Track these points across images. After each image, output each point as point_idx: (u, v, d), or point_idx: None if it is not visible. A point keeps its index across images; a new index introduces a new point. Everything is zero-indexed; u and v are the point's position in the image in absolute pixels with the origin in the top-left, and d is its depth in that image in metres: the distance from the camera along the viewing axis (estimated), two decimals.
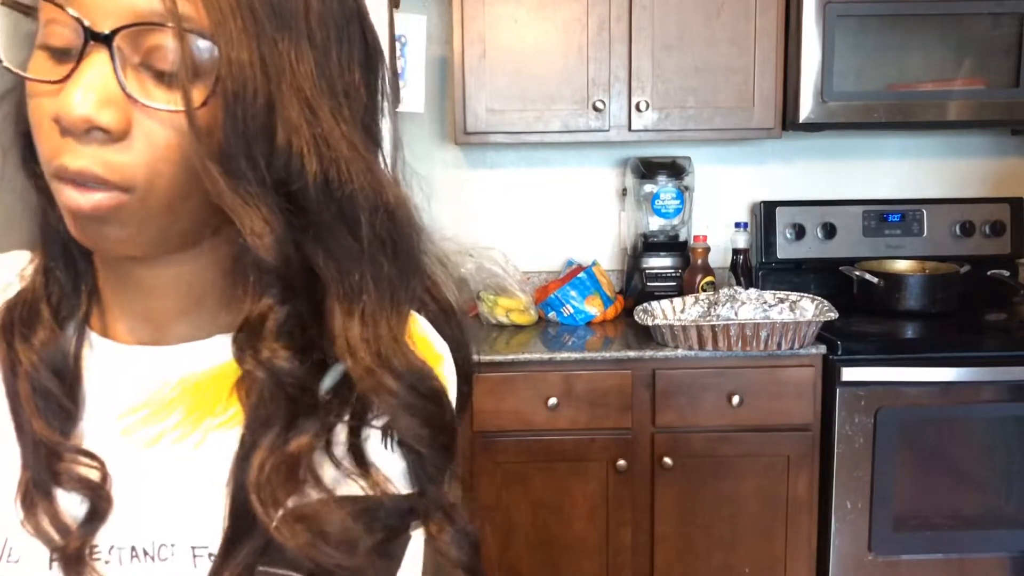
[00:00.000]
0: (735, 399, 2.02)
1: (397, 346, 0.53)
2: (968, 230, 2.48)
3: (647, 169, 2.42)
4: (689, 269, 2.36)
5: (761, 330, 1.99)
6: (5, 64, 0.48)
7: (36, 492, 0.53)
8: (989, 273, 2.40)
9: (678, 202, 2.40)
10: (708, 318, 2.06)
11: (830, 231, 2.48)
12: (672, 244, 2.42)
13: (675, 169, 2.41)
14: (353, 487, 0.54)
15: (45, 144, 0.48)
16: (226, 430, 0.55)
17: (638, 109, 2.22)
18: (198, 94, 0.47)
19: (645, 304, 2.17)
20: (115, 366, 0.57)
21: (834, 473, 2.04)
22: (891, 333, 2.17)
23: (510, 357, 2.02)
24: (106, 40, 0.46)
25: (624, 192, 2.55)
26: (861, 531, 2.06)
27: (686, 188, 2.41)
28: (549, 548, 2.09)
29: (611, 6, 2.20)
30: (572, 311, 2.32)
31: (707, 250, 2.35)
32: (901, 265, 2.41)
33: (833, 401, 2.03)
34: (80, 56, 0.46)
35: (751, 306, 2.06)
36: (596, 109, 2.23)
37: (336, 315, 0.52)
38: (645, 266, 2.40)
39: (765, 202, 2.51)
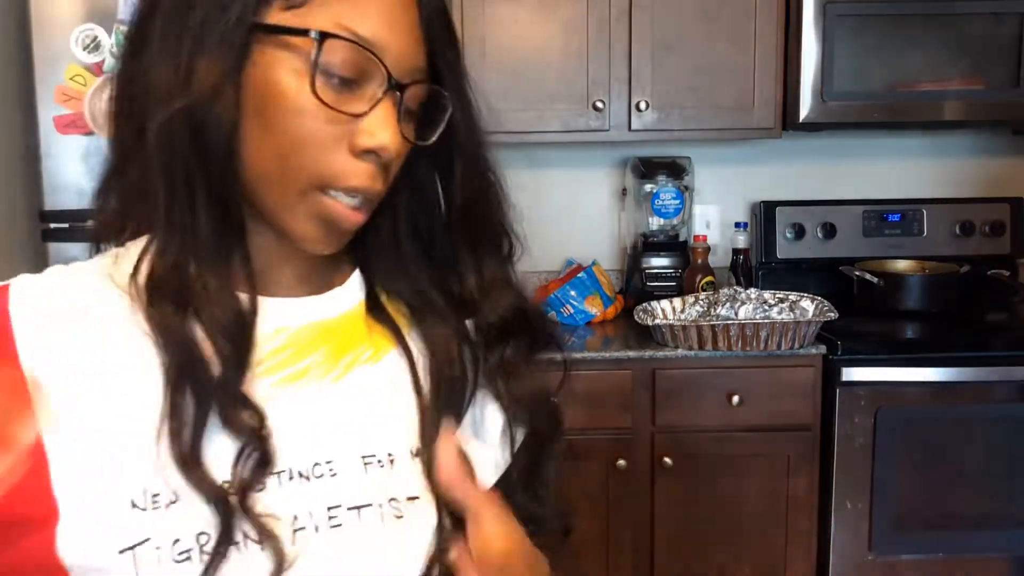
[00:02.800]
0: (735, 399, 2.02)
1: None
2: (968, 230, 2.48)
3: (647, 169, 2.42)
4: (689, 269, 2.36)
5: (761, 330, 1.99)
6: (324, 100, 0.57)
7: (189, 442, 0.57)
8: (989, 273, 2.39)
9: (678, 202, 2.40)
10: (708, 318, 2.06)
11: (830, 231, 2.48)
12: (672, 244, 2.41)
13: (675, 169, 2.41)
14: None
15: (326, 162, 0.59)
16: (362, 365, 0.67)
17: (638, 109, 2.22)
18: (435, 132, 0.64)
19: (645, 304, 2.17)
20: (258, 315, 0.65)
21: (834, 473, 2.04)
22: (891, 333, 2.17)
23: None
24: (400, 89, 0.59)
25: (624, 192, 2.55)
26: (861, 531, 2.06)
27: (686, 188, 2.41)
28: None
29: (611, 6, 2.20)
30: (572, 311, 2.32)
31: (707, 250, 2.35)
32: (901, 265, 2.41)
33: (833, 401, 2.02)
34: (380, 99, 0.59)
35: (751, 306, 2.06)
36: (596, 109, 2.23)
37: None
38: (645, 266, 2.40)
39: (765, 202, 2.51)
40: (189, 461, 0.57)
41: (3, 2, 2.01)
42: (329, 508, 0.62)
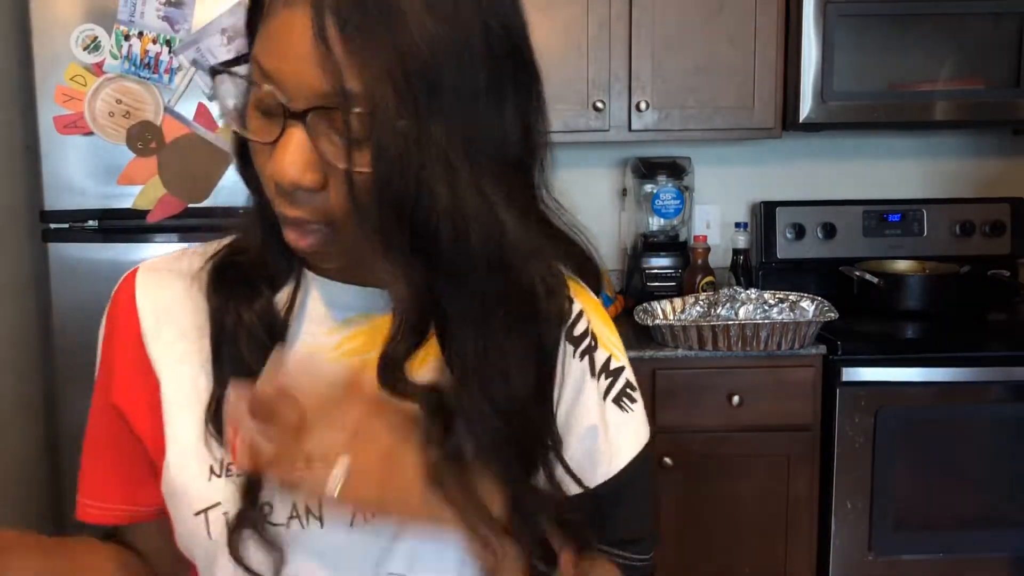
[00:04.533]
0: (735, 399, 2.02)
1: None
2: (968, 230, 2.48)
3: (647, 169, 2.42)
4: (689, 269, 2.36)
5: (761, 330, 1.99)
6: (234, 129, 0.61)
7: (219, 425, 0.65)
8: (989, 273, 2.39)
9: (678, 202, 2.40)
10: (708, 318, 2.06)
11: (830, 231, 2.48)
12: (672, 244, 2.41)
13: (675, 169, 2.41)
14: None
15: (266, 189, 0.61)
16: (439, 356, 0.65)
17: (638, 109, 2.22)
18: (362, 159, 0.55)
19: (645, 304, 2.17)
20: (332, 299, 0.69)
21: (834, 473, 2.04)
22: (891, 333, 2.17)
23: None
24: (301, 117, 0.56)
25: (624, 192, 2.55)
26: (861, 531, 2.06)
27: (686, 188, 2.41)
28: None
29: (611, 6, 2.20)
30: None
31: (707, 250, 2.35)
32: (901, 265, 2.41)
33: (833, 401, 2.02)
34: (284, 127, 0.57)
35: (751, 306, 2.06)
36: (596, 109, 2.23)
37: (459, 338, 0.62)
38: (645, 266, 2.40)
39: (765, 202, 2.51)
40: (227, 442, 0.63)
41: (3, 2, 2.01)
42: None
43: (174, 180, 1.92)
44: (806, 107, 2.18)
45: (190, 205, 1.93)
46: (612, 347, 0.75)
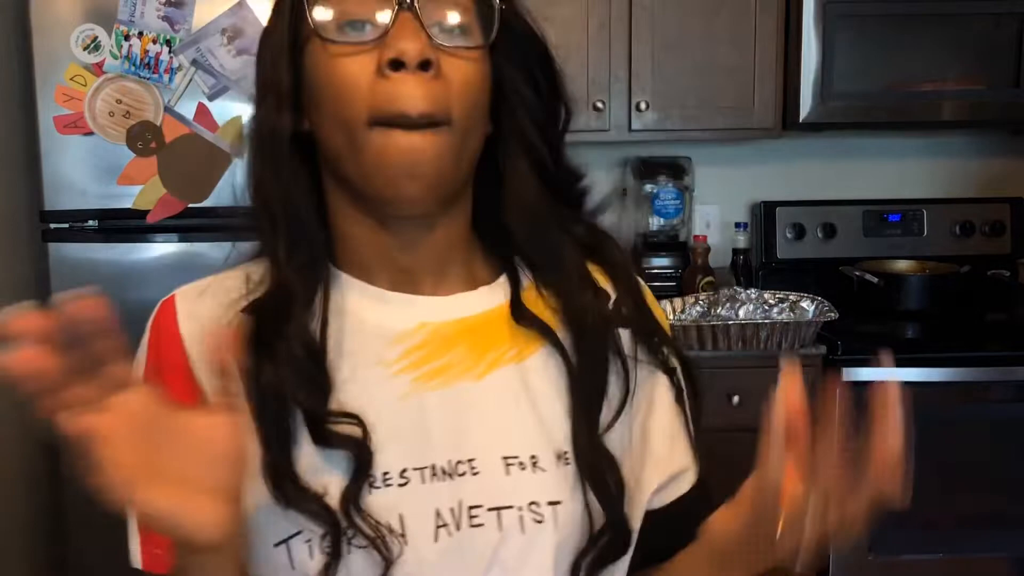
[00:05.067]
0: (735, 399, 2.02)
1: None
2: (968, 230, 2.48)
3: (647, 169, 2.42)
4: (689, 269, 2.36)
5: (761, 330, 1.99)
6: (328, 38, 0.60)
7: (283, 472, 0.61)
8: (989, 273, 2.39)
9: (678, 202, 2.40)
10: (708, 318, 2.06)
11: (830, 231, 2.48)
12: (672, 244, 2.41)
13: (675, 169, 2.41)
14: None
15: (364, 98, 0.59)
16: (505, 364, 0.67)
17: (638, 109, 2.22)
18: (472, 46, 0.62)
19: None
20: (384, 313, 0.66)
21: None
22: (891, 333, 2.17)
23: None
24: (410, 7, 0.59)
25: (624, 192, 2.55)
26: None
27: (686, 188, 2.41)
28: None
29: (611, 6, 2.20)
30: None
31: (707, 250, 2.35)
32: (901, 265, 2.41)
33: (833, 401, 2.02)
34: (393, 20, 0.59)
35: (751, 306, 2.06)
36: (596, 109, 2.23)
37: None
38: (645, 266, 2.40)
39: (765, 202, 2.51)
40: (277, 475, 0.60)
41: (3, 2, 2.01)
42: (471, 508, 0.63)
43: (174, 180, 1.92)
44: (806, 107, 2.18)
45: (190, 205, 1.93)
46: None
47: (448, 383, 0.65)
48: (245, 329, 0.62)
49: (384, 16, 0.60)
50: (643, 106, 2.22)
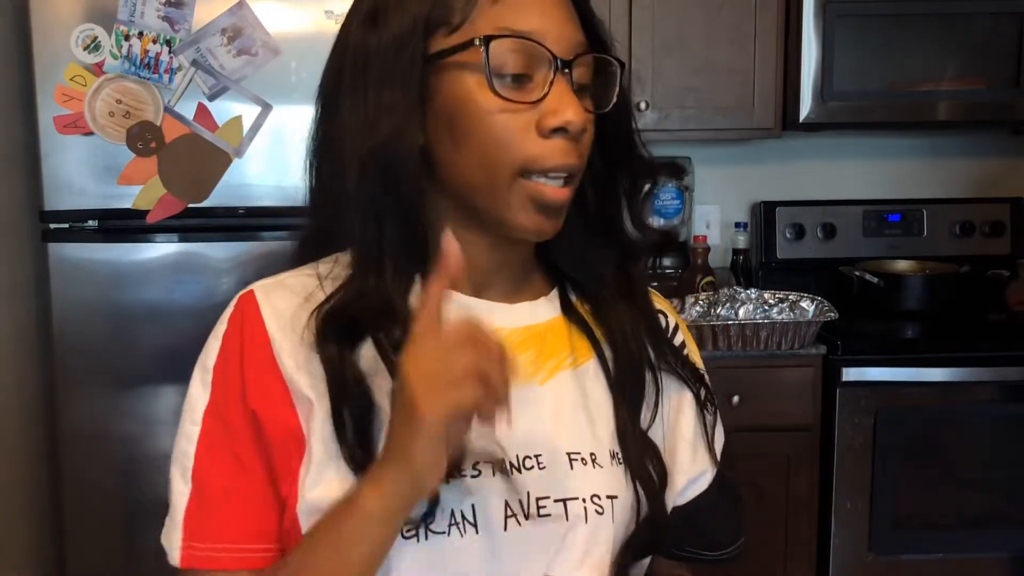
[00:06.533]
0: (735, 399, 2.02)
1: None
2: (968, 230, 2.48)
3: None
4: (689, 269, 2.36)
5: (761, 330, 1.99)
6: (499, 92, 0.64)
7: (365, 458, 0.64)
8: (989, 273, 2.39)
9: (678, 202, 2.40)
10: (708, 318, 2.06)
11: (830, 231, 2.48)
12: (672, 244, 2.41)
13: (675, 169, 2.41)
14: None
15: (522, 151, 0.65)
16: (564, 369, 0.73)
17: (638, 109, 2.22)
18: (602, 99, 0.69)
19: None
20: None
21: (834, 473, 2.04)
22: (891, 333, 2.17)
23: None
24: (567, 66, 0.65)
25: None
26: (861, 531, 2.06)
27: (686, 188, 2.41)
28: None
29: (611, 6, 2.20)
30: None
31: (707, 250, 2.35)
32: (901, 265, 2.41)
33: (833, 401, 2.02)
34: (552, 80, 0.65)
35: (751, 306, 2.06)
36: None
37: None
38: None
39: (765, 202, 2.51)
40: (361, 462, 0.63)
41: (3, 2, 2.01)
42: (538, 499, 0.67)
43: (174, 180, 1.92)
44: (806, 107, 2.18)
45: (190, 205, 1.93)
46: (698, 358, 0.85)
47: (517, 385, 0.66)
48: (335, 323, 0.66)
49: (542, 75, 0.65)
50: (643, 106, 2.22)
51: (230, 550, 0.66)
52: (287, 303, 0.69)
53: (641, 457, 0.72)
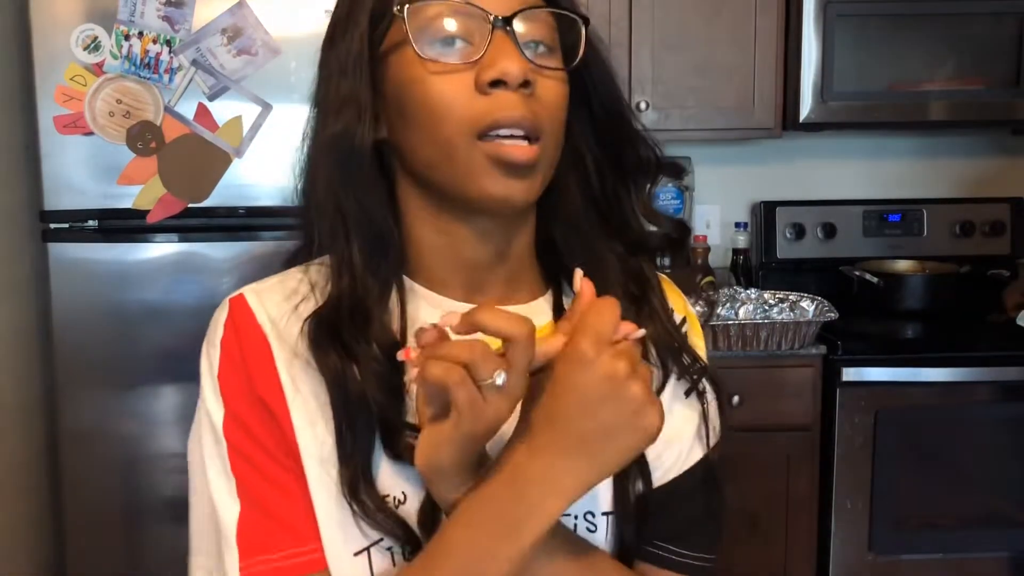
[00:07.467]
0: (735, 399, 2.02)
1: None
2: (968, 230, 2.48)
3: None
4: (689, 269, 2.36)
5: (761, 330, 1.99)
6: (427, 56, 0.62)
7: (362, 483, 0.63)
8: (989, 273, 2.39)
9: (678, 202, 2.40)
10: (708, 318, 2.06)
11: (830, 231, 2.48)
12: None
13: (675, 169, 2.41)
14: None
15: (469, 112, 0.61)
16: None
17: (638, 109, 2.22)
18: (571, 58, 0.65)
19: None
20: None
21: (834, 473, 2.04)
22: (891, 333, 2.17)
23: None
24: (506, 23, 0.62)
25: None
26: (861, 531, 2.06)
27: (686, 188, 2.41)
28: None
29: (611, 6, 2.20)
30: None
31: (707, 250, 2.35)
32: (901, 265, 2.41)
33: (833, 401, 2.02)
34: (490, 40, 0.62)
35: (751, 306, 2.06)
36: None
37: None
38: None
39: (765, 202, 2.51)
40: (356, 486, 0.62)
41: (3, 2, 2.01)
42: None
43: (174, 180, 1.92)
44: (806, 107, 2.18)
45: (190, 205, 1.93)
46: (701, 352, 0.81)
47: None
48: (325, 331, 0.64)
49: (482, 35, 0.62)
50: (643, 106, 2.22)
51: (289, 556, 0.64)
52: (278, 309, 0.68)
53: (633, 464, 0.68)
